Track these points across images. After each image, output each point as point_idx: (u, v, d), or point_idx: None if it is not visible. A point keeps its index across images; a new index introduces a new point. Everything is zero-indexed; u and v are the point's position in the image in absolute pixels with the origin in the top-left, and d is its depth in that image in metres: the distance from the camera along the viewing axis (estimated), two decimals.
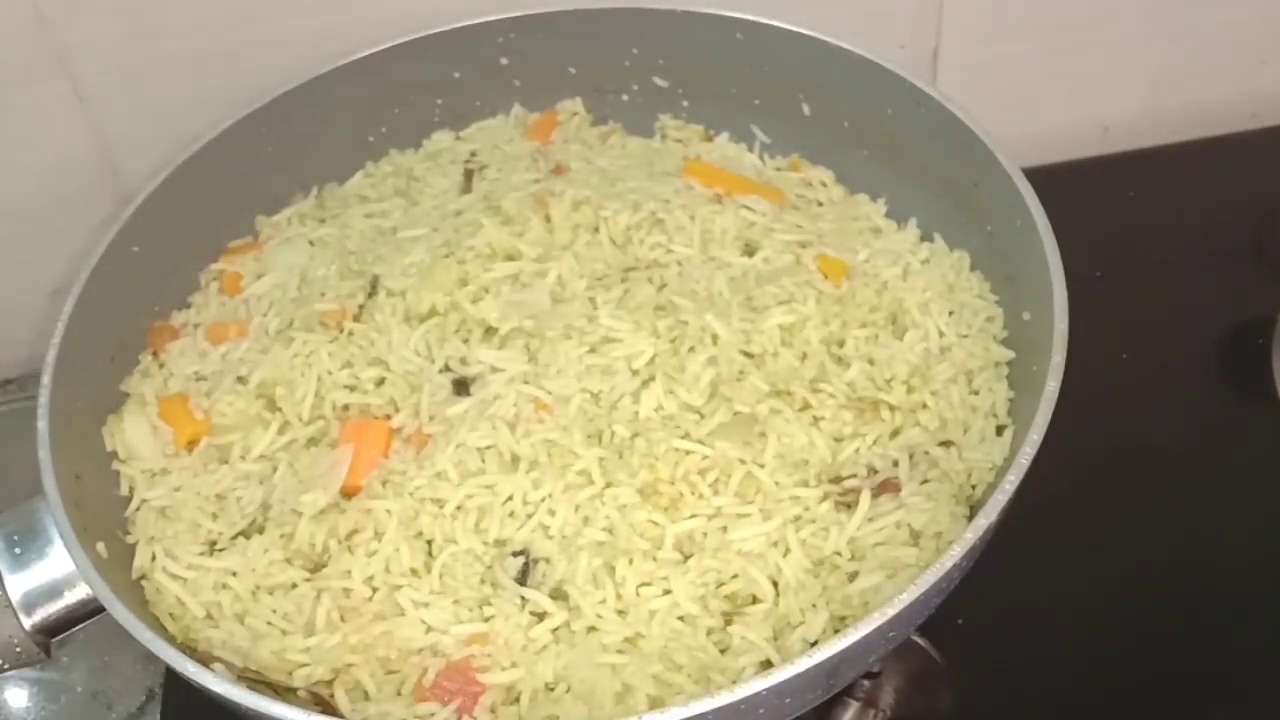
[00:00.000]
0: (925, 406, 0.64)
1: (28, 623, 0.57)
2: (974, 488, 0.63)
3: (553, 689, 0.56)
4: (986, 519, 0.54)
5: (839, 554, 0.59)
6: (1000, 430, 0.65)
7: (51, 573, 0.57)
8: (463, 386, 0.65)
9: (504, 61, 0.80)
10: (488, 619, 0.58)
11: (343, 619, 0.59)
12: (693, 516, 0.60)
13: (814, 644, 0.55)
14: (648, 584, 0.58)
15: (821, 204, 0.77)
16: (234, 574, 0.61)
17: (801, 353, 0.66)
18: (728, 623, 0.58)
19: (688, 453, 0.61)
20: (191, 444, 0.67)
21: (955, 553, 0.53)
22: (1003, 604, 0.68)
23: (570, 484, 0.61)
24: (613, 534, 0.59)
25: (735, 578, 0.58)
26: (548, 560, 0.59)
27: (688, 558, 0.59)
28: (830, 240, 0.72)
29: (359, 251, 0.73)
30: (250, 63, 0.76)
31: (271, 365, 0.67)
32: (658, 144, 0.81)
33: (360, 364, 0.67)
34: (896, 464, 0.62)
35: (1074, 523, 0.74)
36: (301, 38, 0.77)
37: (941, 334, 0.68)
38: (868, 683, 0.67)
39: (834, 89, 0.76)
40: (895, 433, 0.64)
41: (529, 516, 0.60)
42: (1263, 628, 0.70)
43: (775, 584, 0.58)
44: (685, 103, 0.82)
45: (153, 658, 0.54)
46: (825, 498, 0.61)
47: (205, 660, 0.57)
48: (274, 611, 0.60)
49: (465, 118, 0.82)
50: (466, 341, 0.67)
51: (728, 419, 0.62)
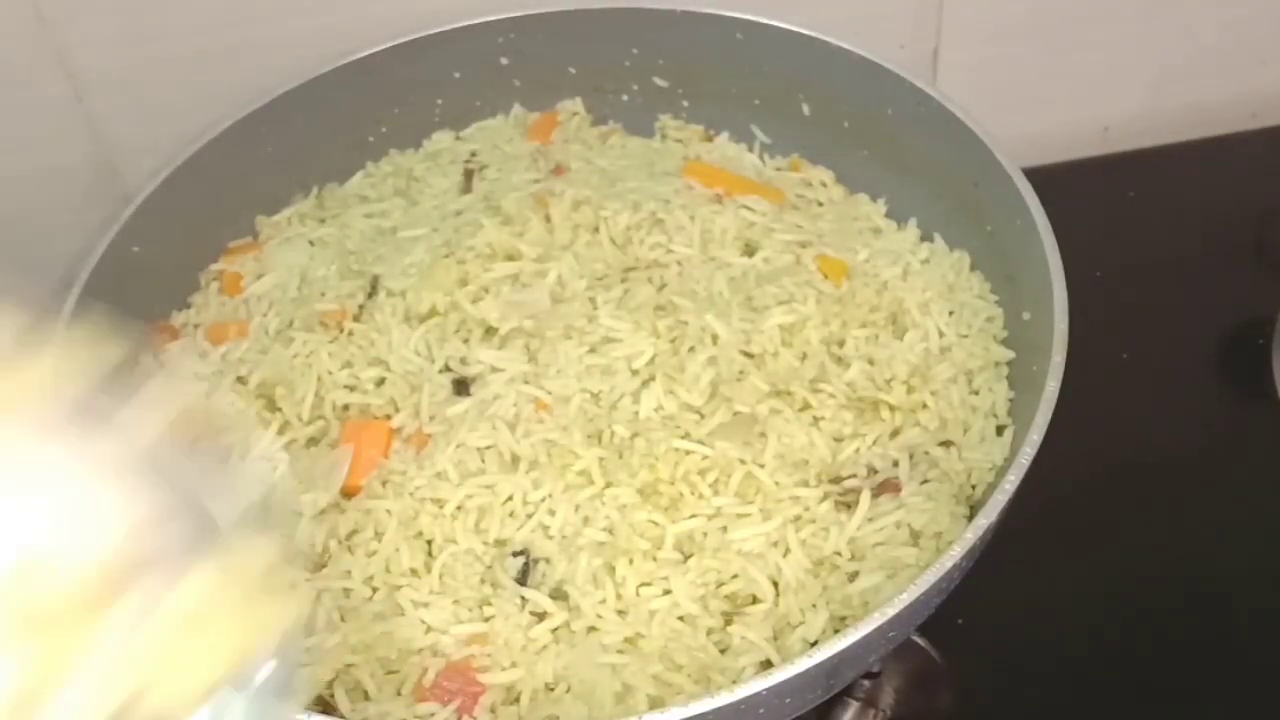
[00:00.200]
0: (925, 406, 0.64)
1: None
2: (974, 488, 0.63)
3: (553, 689, 0.56)
4: (986, 519, 0.54)
5: (839, 554, 0.59)
6: (1000, 430, 0.65)
7: None
8: (463, 386, 0.65)
9: (504, 61, 0.80)
10: (488, 619, 0.58)
11: (343, 619, 0.59)
12: (693, 516, 0.60)
13: (814, 644, 0.55)
14: (648, 584, 0.58)
15: (821, 204, 0.77)
16: None
17: (801, 353, 0.66)
18: (728, 623, 0.58)
19: (688, 453, 0.61)
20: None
21: (955, 553, 0.53)
22: (1003, 604, 0.68)
23: (570, 484, 0.61)
24: (613, 534, 0.59)
25: (735, 578, 0.58)
26: (548, 560, 0.59)
27: (688, 558, 0.59)
28: (830, 240, 0.72)
29: (359, 251, 0.73)
30: (250, 63, 0.76)
31: (271, 365, 0.67)
32: (658, 144, 0.81)
33: (360, 364, 0.67)
34: (896, 464, 0.62)
35: (1074, 522, 0.73)
36: (301, 38, 0.77)
37: (941, 334, 0.68)
38: (868, 683, 0.67)
39: (834, 89, 0.76)
40: (895, 433, 0.64)
41: (529, 516, 0.60)
42: (1264, 628, 0.70)
43: (775, 584, 0.58)
44: (685, 103, 0.82)
45: None
46: (825, 498, 0.61)
47: None
48: None
49: (465, 118, 0.82)
50: (466, 341, 0.67)
51: (728, 419, 0.62)
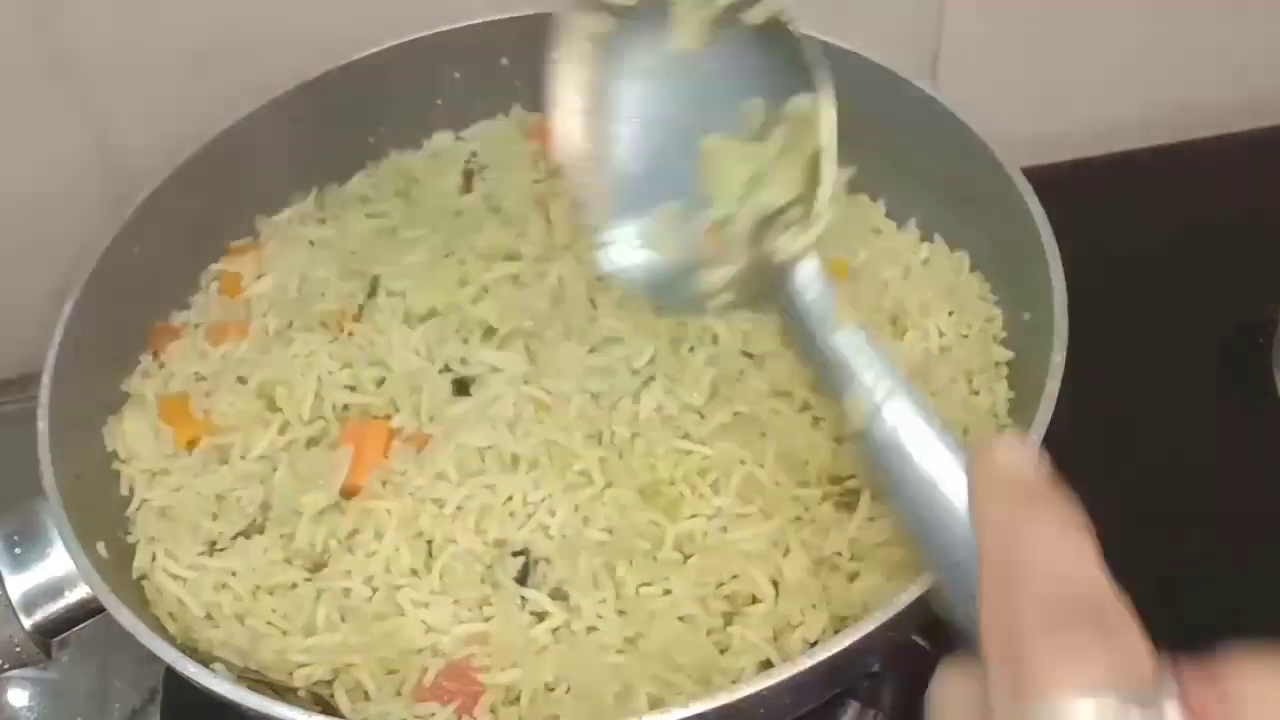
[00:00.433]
0: None
1: (28, 623, 0.57)
2: None
3: (553, 689, 0.56)
4: None
5: (839, 554, 0.59)
6: (1000, 430, 0.65)
7: (51, 573, 0.57)
8: (463, 387, 0.65)
9: (504, 61, 0.80)
10: (488, 619, 0.58)
11: (343, 619, 0.59)
12: (693, 516, 0.60)
13: (814, 644, 0.55)
14: (648, 584, 0.58)
15: None
16: (234, 574, 0.61)
17: None
18: (728, 623, 0.57)
19: (688, 453, 0.61)
20: (192, 444, 0.67)
21: None
22: None
23: (570, 484, 0.61)
24: (613, 534, 0.59)
25: (735, 578, 0.58)
26: (548, 560, 0.59)
27: (688, 558, 0.59)
28: (830, 240, 0.72)
29: (359, 251, 0.73)
30: (250, 63, 0.76)
31: (271, 365, 0.67)
32: None
33: (360, 364, 0.67)
34: None
35: None
36: (301, 38, 0.77)
37: (941, 334, 0.68)
38: (868, 683, 0.67)
39: (834, 89, 0.76)
40: None
41: (529, 516, 0.60)
42: (1265, 628, 0.70)
43: (775, 584, 0.58)
44: None
45: (153, 658, 0.54)
46: (826, 498, 0.61)
47: (205, 660, 0.57)
48: (274, 611, 0.60)
49: (465, 118, 0.82)
50: (466, 342, 0.66)
51: (728, 419, 0.62)
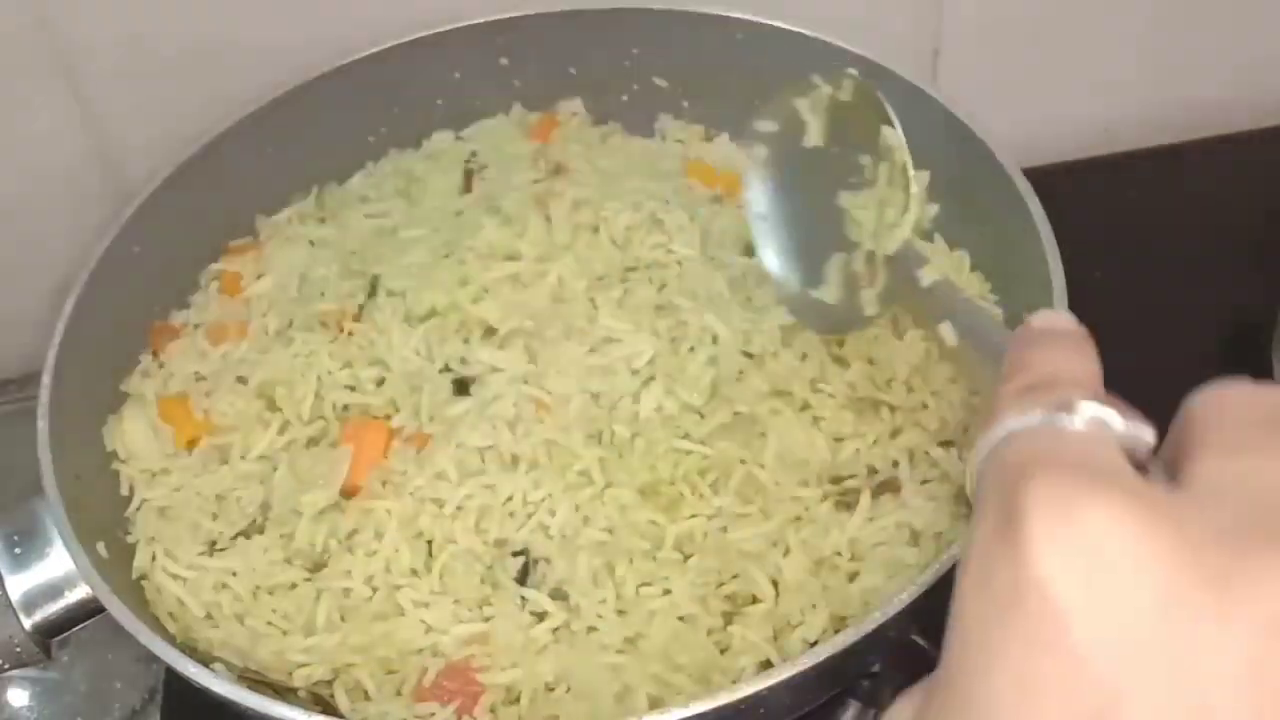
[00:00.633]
0: (925, 406, 0.64)
1: (28, 623, 0.57)
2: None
3: (553, 689, 0.56)
4: None
5: (839, 554, 0.59)
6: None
7: (51, 573, 0.57)
8: (463, 386, 0.65)
9: (504, 61, 0.80)
10: (488, 619, 0.58)
11: (343, 619, 0.59)
12: (693, 516, 0.60)
13: (814, 644, 0.55)
14: (648, 584, 0.58)
15: None
16: (234, 574, 0.61)
17: (801, 353, 0.66)
18: (728, 623, 0.57)
19: (688, 453, 0.61)
20: (191, 444, 0.67)
21: (955, 552, 0.53)
22: None
23: (570, 484, 0.61)
24: (613, 534, 0.59)
25: (735, 578, 0.58)
26: (548, 560, 0.59)
27: (688, 558, 0.59)
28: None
29: (359, 251, 0.73)
30: (250, 63, 0.76)
31: (271, 365, 0.67)
32: (658, 144, 0.81)
33: (360, 364, 0.67)
34: (896, 464, 0.62)
35: None
36: (301, 38, 0.77)
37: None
38: (868, 683, 0.67)
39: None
40: (895, 433, 0.63)
41: (529, 516, 0.60)
42: None
43: (775, 584, 0.58)
44: (685, 103, 0.82)
45: (153, 658, 0.54)
46: (825, 498, 0.61)
47: (205, 660, 0.57)
48: (274, 611, 0.60)
49: (465, 118, 0.82)
50: (466, 341, 0.66)
51: (728, 419, 0.62)
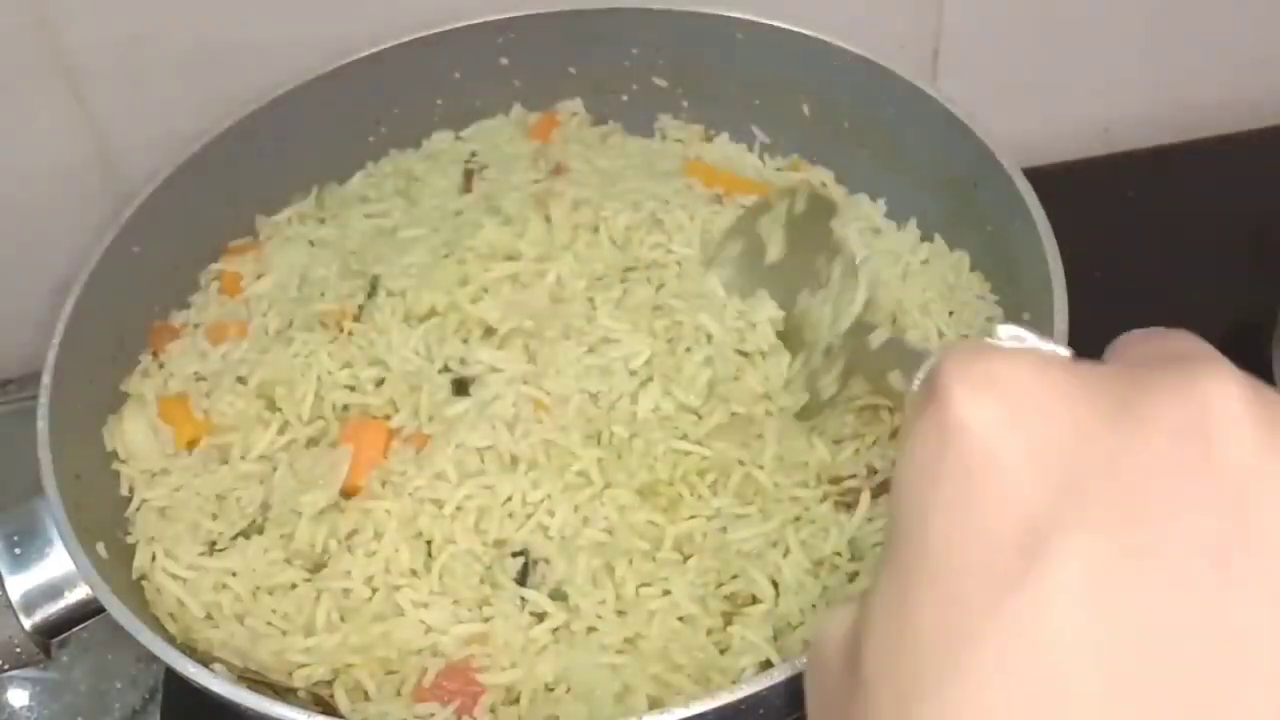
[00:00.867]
0: None
1: (28, 623, 0.57)
2: None
3: (553, 689, 0.56)
4: None
5: (839, 554, 0.59)
6: None
7: (51, 573, 0.57)
8: (462, 387, 0.65)
9: (504, 61, 0.80)
10: (487, 619, 0.58)
11: (343, 619, 0.59)
12: (692, 517, 0.60)
13: None
14: (647, 584, 0.58)
15: None
16: (234, 574, 0.61)
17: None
18: (728, 623, 0.58)
19: (686, 453, 0.61)
20: (191, 444, 0.67)
21: None
22: None
23: (569, 484, 0.61)
24: (612, 534, 0.59)
25: (735, 578, 0.58)
26: (547, 561, 0.59)
27: (687, 558, 0.59)
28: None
29: (359, 251, 0.73)
30: (250, 63, 0.76)
31: (271, 365, 0.67)
32: (658, 144, 0.81)
33: (360, 364, 0.67)
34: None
35: None
36: (302, 38, 0.77)
37: (941, 334, 0.68)
38: None
39: (834, 89, 0.76)
40: (895, 433, 0.63)
41: (528, 517, 0.60)
42: None
43: (775, 584, 0.58)
44: (685, 103, 0.82)
45: (153, 658, 0.54)
46: (825, 498, 0.61)
47: (205, 660, 0.57)
48: (274, 611, 0.60)
49: (465, 118, 0.82)
50: (466, 341, 0.66)
51: (725, 420, 0.62)
